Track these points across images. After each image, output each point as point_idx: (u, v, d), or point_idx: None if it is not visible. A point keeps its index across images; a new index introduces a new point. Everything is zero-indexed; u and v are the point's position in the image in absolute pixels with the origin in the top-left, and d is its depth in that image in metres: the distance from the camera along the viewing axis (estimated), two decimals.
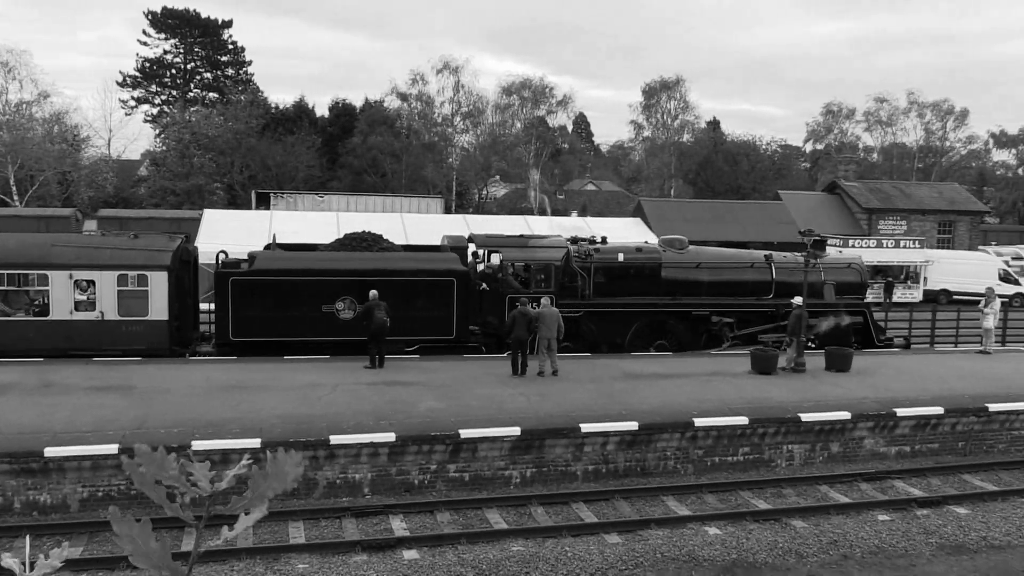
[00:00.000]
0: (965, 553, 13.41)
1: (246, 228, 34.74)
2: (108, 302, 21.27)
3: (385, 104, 66.73)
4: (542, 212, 57.29)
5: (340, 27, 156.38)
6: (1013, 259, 50.04)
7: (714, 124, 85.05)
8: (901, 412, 17.95)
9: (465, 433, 15.37)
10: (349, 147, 63.35)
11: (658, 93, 71.05)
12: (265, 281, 21.83)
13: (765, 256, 26.12)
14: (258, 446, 14.22)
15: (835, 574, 12.38)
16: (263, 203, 48.47)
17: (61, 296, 21.12)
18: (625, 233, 37.87)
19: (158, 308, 21.49)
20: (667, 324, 24.64)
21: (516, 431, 15.63)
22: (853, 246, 41.59)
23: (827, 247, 24.93)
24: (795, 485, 16.28)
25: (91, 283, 21.43)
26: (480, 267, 24.45)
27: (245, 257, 22.94)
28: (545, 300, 20.17)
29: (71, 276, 21.21)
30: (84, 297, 21.47)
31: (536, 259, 24.15)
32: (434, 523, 14.05)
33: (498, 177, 73.11)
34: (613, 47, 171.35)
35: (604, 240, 25.81)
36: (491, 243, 25.29)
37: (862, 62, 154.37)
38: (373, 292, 20.46)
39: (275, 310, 21.40)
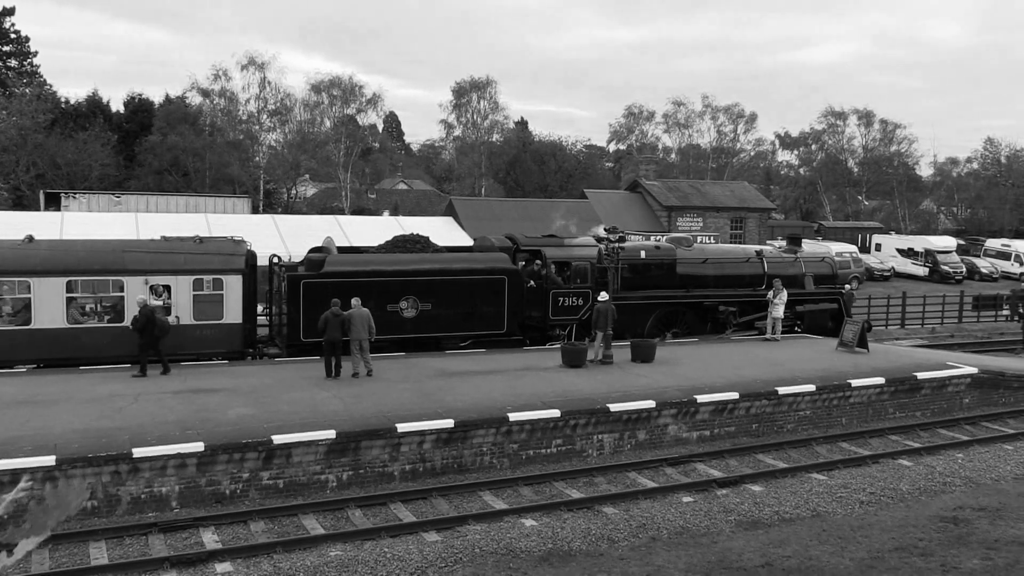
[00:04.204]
0: (761, 527, 14.36)
1: (34, 231, 32.33)
2: (184, 306, 21.52)
3: (186, 100, 63.86)
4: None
5: (135, 19, 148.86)
6: None
7: (522, 124, 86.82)
8: (701, 399, 18.98)
9: (278, 439, 15.02)
10: (148, 145, 60.09)
11: (468, 93, 71.66)
12: (335, 283, 21.91)
13: (757, 252, 29.23)
14: (52, 464, 13.34)
15: (643, 556, 12.96)
16: (53, 204, 45.30)
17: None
18: (438, 232, 37.97)
19: (232, 311, 21.92)
20: (681, 313, 27.01)
21: (331, 434, 15.41)
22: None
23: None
24: (606, 473, 16.91)
25: (166, 288, 21.45)
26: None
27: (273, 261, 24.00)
28: (355, 301, 19.99)
29: (147, 281, 21.22)
30: (160, 302, 21.01)
31: (575, 257, 25.58)
32: (248, 533, 13.64)
33: (307, 176, 71.58)
34: (421, 46, 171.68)
35: (623, 239, 26.86)
36: (533, 243, 26.87)
37: (657, 67, 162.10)
38: (140, 297, 19.83)
39: (345, 310, 20.91)
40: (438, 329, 23.72)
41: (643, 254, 26.95)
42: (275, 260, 24.07)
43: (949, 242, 60.43)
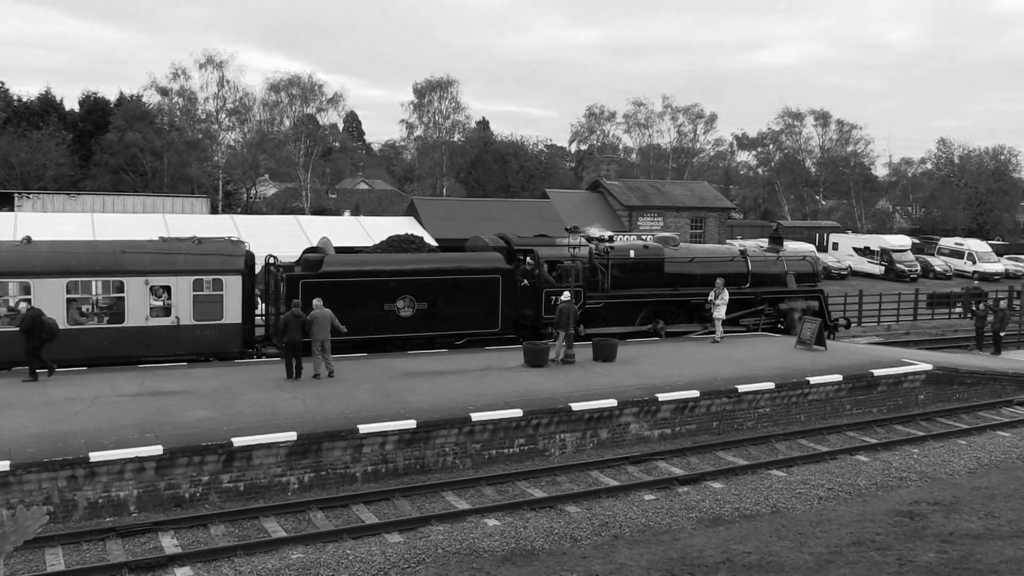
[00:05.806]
0: (722, 524, 14.48)
1: None
2: (184, 307, 21.48)
3: (144, 99, 62.98)
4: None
5: (91, 17, 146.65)
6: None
7: (484, 124, 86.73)
8: (662, 397, 19.09)
9: (238, 441, 14.87)
10: (104, 144, 59.19)
11: (429, 93, 71.47)
12: (334, 283, 22.05)
13: (741, 251, 29.99)
14: (7, 469, 13.10)
15: (606, 554, 13.01)
16: (6, 204, 44.56)
17: (137, 302, 21.09)
18: (400, 232, 37.76)
19: (232, 312, 21.94)
20: (668, 310, 27.74)
21: (292, 436, 15.30)
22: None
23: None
24: (568, 472, 16.95)
25: (166, 288, 21.43)
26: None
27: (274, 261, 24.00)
28: (317, 302, 19.87)
29: (147, 282, 21.19)
30: (159, 303, 20.99)
31: (567, 256, 25.53)
32: (208, 537, 13.50)
33: (267, 176, 70.96)
34: (382, 46, 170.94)
35: (612, 239, 28.02)
36: (525, 243, 27.32)
37: (616, 67, 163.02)
38: (23, 304, 19.32)
39: (342, 310, 21.00)
40: (434, 328, 23.87)
41: (633, 254, 27.39)
42: (272, 260, 24.10)
43: (904, 241, 61.45)
